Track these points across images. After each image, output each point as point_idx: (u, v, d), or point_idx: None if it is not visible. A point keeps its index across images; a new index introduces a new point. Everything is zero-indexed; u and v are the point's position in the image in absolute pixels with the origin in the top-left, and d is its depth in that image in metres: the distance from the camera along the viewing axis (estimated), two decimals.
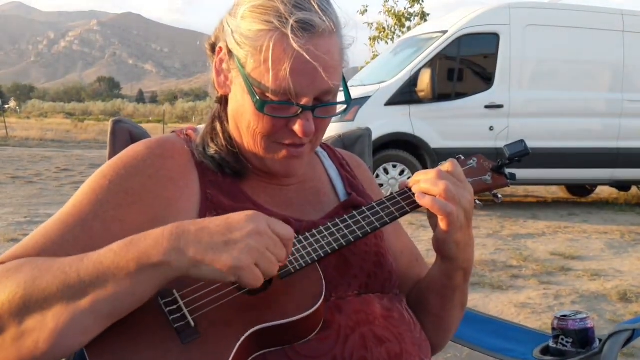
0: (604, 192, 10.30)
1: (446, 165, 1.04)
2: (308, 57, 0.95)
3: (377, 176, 7.47)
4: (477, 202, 1.12)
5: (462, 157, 1.14)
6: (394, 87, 7.72)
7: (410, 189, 1.05)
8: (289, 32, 0.94)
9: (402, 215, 1.04)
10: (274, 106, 0.99)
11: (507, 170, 1.12)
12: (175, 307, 0.90)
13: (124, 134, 1.27)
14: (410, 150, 7.66)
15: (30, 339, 0.83)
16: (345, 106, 1.06)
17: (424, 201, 1.00)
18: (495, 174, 1.12)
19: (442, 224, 1.01)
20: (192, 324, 0.89)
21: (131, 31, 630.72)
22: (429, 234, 1.16)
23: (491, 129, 7.74)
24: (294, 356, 0.93)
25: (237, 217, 0.87)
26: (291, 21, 0.94)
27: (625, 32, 8.17)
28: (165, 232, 0.85)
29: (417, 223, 6.36)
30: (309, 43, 0.95)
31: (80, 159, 14.88)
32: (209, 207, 1.04)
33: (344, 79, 1.05)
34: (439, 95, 7.78)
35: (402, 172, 7.58)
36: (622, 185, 9.26)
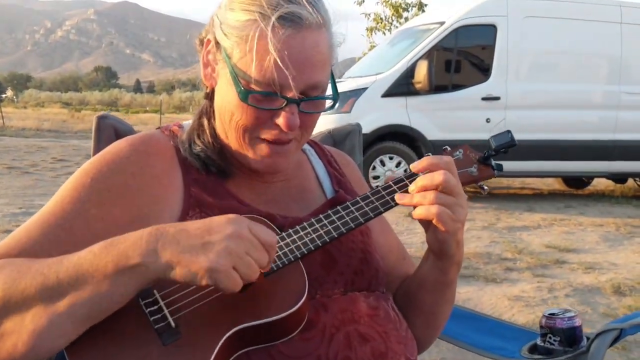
0: (600, 184, 10.31)
1: (435, 158, 1.01)
2: (294, 50, 0.94)
3: (374, 168, 7.46)
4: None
5: (449, 148, 1.13)
6: (391, 79, 7.69)
7: (395, 183, 1.04)
8: (275, 21, 0.93)
9: (386, 209, 1.03)
10: (258, 97, 0.97)
11: (494, 162, 1.11)
12: (155, 307, 0.89)
13: (109, 130, 1.26)
14: (406, 142, 7.65)
15: (9, 341, 0.82)
16: (332, 102, 1.05)
17: (425, 216, 0.98)
18: (482, 165, 1.11)
19: (440, 225, 0.98)
20: (173, 324, 0.88)
21: (128, 20, 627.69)
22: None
23: (488, 121, 7.72)
24: (278, 356, 0.93)
25: (218, 220, 0.86)
26: (278, 12, 0.93)
27: (623, 23, 8.14)
28: (145, 233, 0.84)
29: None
30: (296, 35, 0.94)
31: (77, 149, 14.83)
32: (192, 205, 1.03)
33: (332, 75, 1.04)
34: (436, 87, 7.77)
35: (398, 164, 7.57)
36: (619, 178, 9.27)
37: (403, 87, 7.72)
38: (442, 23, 8.05)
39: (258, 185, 1.12)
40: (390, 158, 7.58)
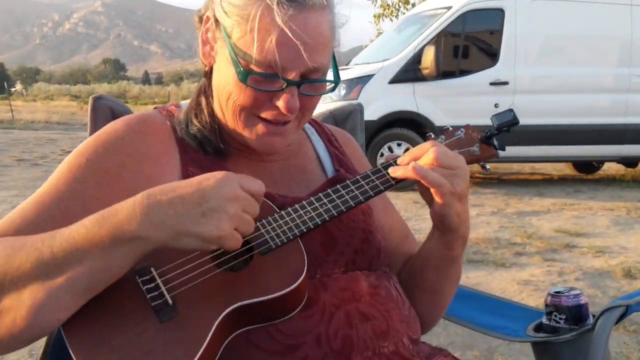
0: (611, 168, 10.22)
1: (426, 145, 1.01)
2: (296, 30, 0.92)
3: (382, 155, 7.43)
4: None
5: (450, 128, 1.11)
6: (398, 65, 7.64)
7: (395, 162, 1.03)
8: (278, 1, 0.91)
9: (386, 188, 1.02)
10: (258, 78, 0.96)
11: (496, 141, 1.09)
12: (152, 285, 0.89)
13: (105, 111, 1.25)
14: (414, 128, 7.60)
15: (7, 317, 0.82)
16: (333, 85, 1.03)
17: (411, 173, 0.96)
18: (484, 144, 1.09)
19: (438, 197, 0.98)
20: (170, 302, 0.87)
21: (136, 12, 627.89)
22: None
23: (496, 106, 7.65)
24: (277, 334, 0.92)
25: (209, 183, 0.84)
26: None
27: (634, 5, 8.02)
28: (137, 204, 0.83)
29: (422, 201, 6.32)
30: (299, 15, 0.92)
31: None
32: None
33: (334, 58, 1.02)
34: (444, 73, 7.71)
35: (406, 150, 7.51)
36: (630, 162, 9.19)
37: (410, 73, 7.66)
38: (449, 8, 7.97)
39: (257, 165, 1.11)
40: (399, 145, 7.55)
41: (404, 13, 14.32)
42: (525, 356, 2.81)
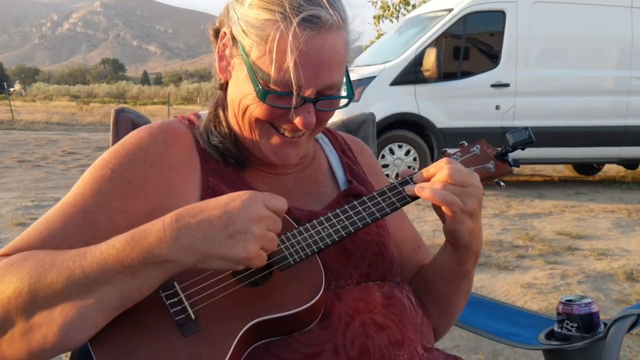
0: (611, 170, 10.24)
1: (441, 163, 1.03)
2: (314, 51, 0.94)
3: (383, 157, 7.45)
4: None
5: (466, 144, 1.13)
6: (399, 67, 7.66)
7: (411, 179, 1.05)
8: (296, 24, 0.93)
9: (403, 205, 1.04)
10: (276, 96, 0.98)
11: (511, 157, 1.11)
12: (176, 299, 0.91)
13: (127, 124, 1.27)
14: (415, 130, 7.63)
15: (39, 333, 0.84)
16: (347, 100, 1.06)
17: (423, 193, 1.00)
18: (499, 161, 1.11)
19: (448, 215, 1.00)
20: (193, 316, 0.89)
21: (134, 12, 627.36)
22: (435, 214, 1.16)
23: (497, 108, 7.69)
24: (295, 344, 0.94)
25: (235, 205, 0.86)
26: (300, 13, 0.93)
27: (634, 8, 8.04)
28: (166, 227, 0.85)
29: (423, 204, 6.35)
30: (317, 36, 0.94)
31: (87, 141, 14.92)
32: (210, 195, 1.03)
33: (347, 73, 1.04)
34: (445, 75, 7.72)
35: (407, 152, 7.56)
36: (630, 163, 9.21)
37: (411, 75, 7.68)
38: (450, 10, 7.99)
39: (272, 178, 1.13)
40: (400, 146, 7.56)
41: (404, 15, 14.34)
42: (529, 359, 2.83)
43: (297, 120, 1.00)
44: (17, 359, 0.86)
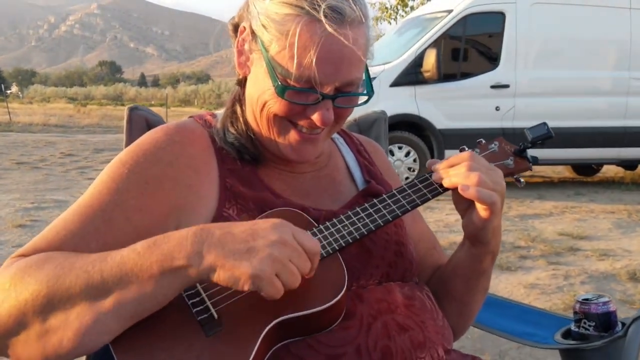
0: (610, 171, 10.25)
1: (465, 155, 1.01)
2: (335, 46, 0.93)
3: None
4: (522, 180, 1.10)
5: (484, 141, 1.12)
6: (399, 68, 7.65)
7: (431, 175, 1.04)
8: (318, 18, 0.92)
9: (423, 202, 1.03)
10: (295, 92, 0.97)
11: (529, 154, 1.10)
12: (198, 299, 0.90)
13: (141, 122, 1.25)
14: (415, 131, 7.62)
15: (54, 337, 0.82)
16: (366, 97, 1.04)
17: (468, 193, 0.97)
18: (518, 157, 1.10)
19: (484, 213, 0.99)
20: (216, 316, 0.88)
21: (131, 14, 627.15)
22: (436, 215, 1.16)
23: (497, 109, 7.69)
24: (317, 346, 0.92)
25: (263, 225, 0.85)
26: (322, 8, 0.92)
27: (633, 9, 8.06)
28: (190, 234, 0.83)
29: (423, 205, 6.34)
30: (338, 32, 0.93)
31: (85, 143, 14.88)
32: (228, 197, 1.03)
33: (367, 70, 1.03)
34: (445, 76, 7.72)
35: (407, 154, 7.55)
36: (629, 164, 9.22)
37: (411, 76, 7.68)
38: (450, 11, 8.00)
39: (288, 176, 1.12)
40: (400, 148, 7.55)
41: (402, 16, 14.35)
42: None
43: (316, 117, 0.98)
44: None
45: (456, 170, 1.00)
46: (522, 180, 1.11)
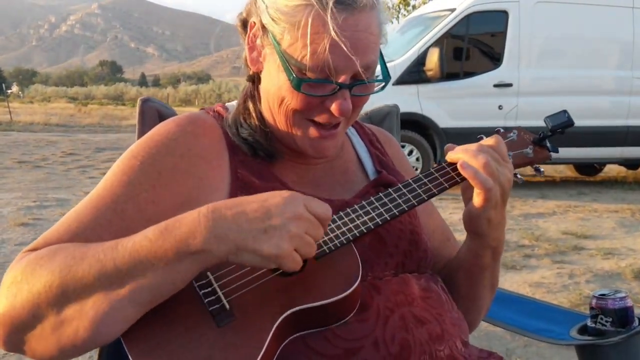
0: (612, 170, 10.24)
1: (490, 141, 1.01)
2: (348, 33, 0.91)
3: None
4: (519, 176, 1.08)
5: (502, 130, 1.10)
6: (402, 67, 7.65)
7: (448, 165, 1.02)
8: (329, 6, 0.90)
9: (440, 191, 1.01)
10: (311, 84, 0.95)
11: (549, 143, 1.08)
12: (209, 289, 0.88)
13: (153, 113, 1.24)
14: (418, 130, 7.61)
15: (70, 327, 0.81)
16: (383, 83, 1.02)
17: (465, 171, 0.97)
18: (537, 146, 1.08)
19: (478, 199, 0.98)
20: (227, 307, 0.86)
21: (132, 14, 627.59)
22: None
23: (500, 107, 7.68)
24: (334, 339, 0.91)
25: (274, 201, 0.84)
26: None
27: (635, 8, 8.05)
28: (201, 217, 0.82)
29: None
30: (350, 18, 0.91)
31: (86, 143, 14.87)
32: (240, 187, 1.01)
33: (381, 54, 1.01)
34: (448, 75, 7.72)
35: (410, 152, 7.54)
36: (632, 164, 9.20)
37: (414, 74, 7.67)
38: (453, 10, 7.99)
39: (300, 168, 1.10)
40: (402, 146, 7.49)
41: (404, 15, 14.33)
42: (542, 358, 2.80)
43: (334, 107, 0.96)
44: (48, 356, 0.83)
45: (466, 148, 0.99)
46: (542, 169, 1.09)
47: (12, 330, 0.82)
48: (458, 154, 1.00)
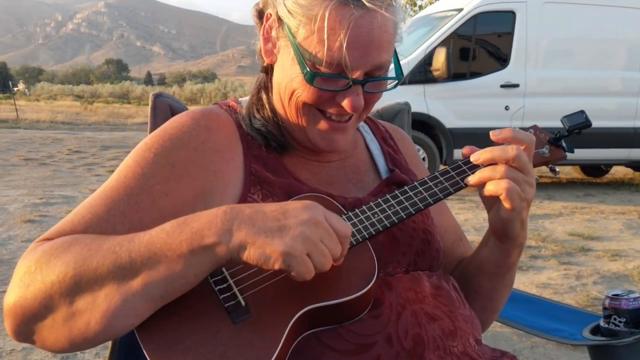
0: (618, 172, 10.20)
1: (512, 152, 0.97)
2: (364, 30, 0.91)
3: None
4: (556, 169, 1.07)
5: (517, 129, 1.09)
6: (409, 67, 7.62)
7: (465, 163, 1.01)
8: (346, 2, 0.90)
9: (456, 190, 1.00)
10: (324, 78, 0.95)
11: (565, 142, 1.07)
12: (225, 285, 0.87)
13: (165, 108, 1.24)
14: (424, 130, 7.59)
15: (81, 319, 0.80)
16: (395, 81, 1.02)
17: (488, 189, 0.95)
18: (553, 146, 1.07)
19: (506, 203, 0.95)
20: (243, 303, 0.86)
21: (138, 12, 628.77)
22: None
23: (507, 108, 7.65)
24: (347, 335, 0.90)
25: (294, 205, 0.83)
26: None
27: None
28: (220, 212, 0.81)
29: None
30: (366, 15, 0.91)
31: (92, 140, 14.91)
32: (253, 182, 1.01)
33: (395, 53, 1.01)
34: (454, 75, 7.69)
35: None
36: (639, 165, 9.15)
37: (421, 74, 7.65)
38: (460, 10, 7.96)
39: (313, 165, 1.10)
40: None
41: (411, 15, 14.29)
42: (548, 359, 2.79)
43: (346, 103, 0.96)
44: (58, 347, 0.83)
45: (493, 168, 0.96)
46: (557, 169, 1.08)
47: (23, 320, 0.82)
48: (483, 179, 0.97)
